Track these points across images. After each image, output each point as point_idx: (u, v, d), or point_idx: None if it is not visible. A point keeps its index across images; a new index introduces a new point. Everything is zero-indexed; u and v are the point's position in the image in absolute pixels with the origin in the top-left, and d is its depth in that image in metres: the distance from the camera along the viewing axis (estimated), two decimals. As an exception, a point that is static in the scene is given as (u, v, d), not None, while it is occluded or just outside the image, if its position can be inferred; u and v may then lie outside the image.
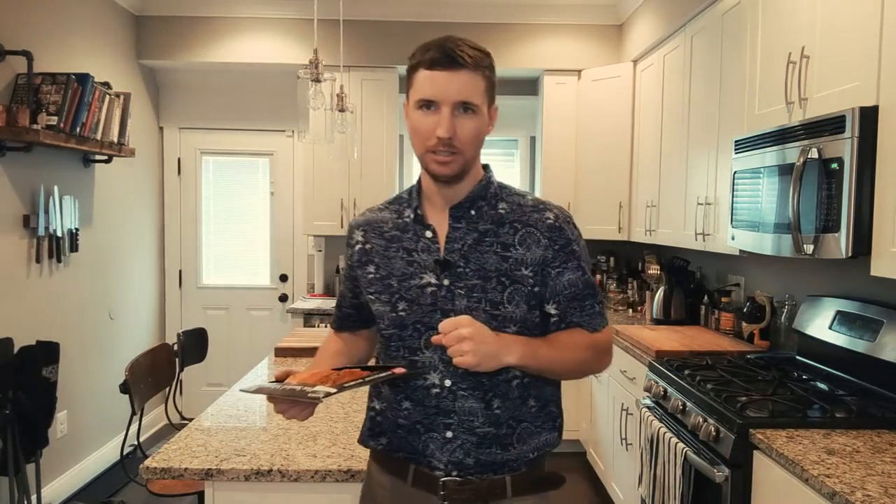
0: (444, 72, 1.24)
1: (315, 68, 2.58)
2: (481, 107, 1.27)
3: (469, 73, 1.25)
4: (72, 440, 3.67)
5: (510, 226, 1.32)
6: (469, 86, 1.25)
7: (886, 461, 1.61)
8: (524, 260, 1.30)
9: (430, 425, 1.30)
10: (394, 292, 1.33)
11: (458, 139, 1.25)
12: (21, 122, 2.97)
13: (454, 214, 1.33)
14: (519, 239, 1.31)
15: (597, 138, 4.34)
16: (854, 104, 1.83)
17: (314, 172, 4.50)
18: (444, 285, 1.30)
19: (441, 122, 1.24)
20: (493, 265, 1.29)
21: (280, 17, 4.44)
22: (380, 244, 1.38)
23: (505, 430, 1.31)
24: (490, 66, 1.30)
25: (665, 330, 3.27)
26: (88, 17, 3.86)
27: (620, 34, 4.49)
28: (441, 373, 1.29)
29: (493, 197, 1.36)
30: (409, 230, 1.36)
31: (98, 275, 3.95)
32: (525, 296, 1.30)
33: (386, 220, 1.40)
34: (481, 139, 1.31)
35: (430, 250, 1.32)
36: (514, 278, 1.29)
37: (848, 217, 1.81)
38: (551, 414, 1.38)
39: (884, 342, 2.05)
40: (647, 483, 2.41)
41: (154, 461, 1.64)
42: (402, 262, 1.34)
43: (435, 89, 1.25)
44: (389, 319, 1.34)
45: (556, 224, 1.32)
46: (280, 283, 4.98)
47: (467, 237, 1.32)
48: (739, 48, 2.63)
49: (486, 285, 1.29)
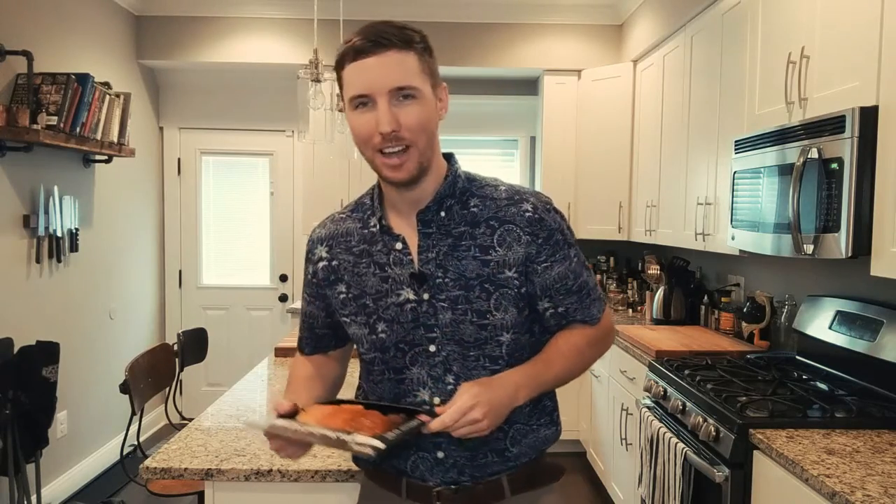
0: (369, 58, 1.10)
1: (315, 68, 2.59)
2: (422, 88, 1.13)
3: (398, 53, 1.11)
4: (72, 440, 3.67)
5: (486, 224, 1.20)
6: (401, 67, 1.11)
7: (886, 461, 1.61)
8: (506, 261, 1.18)
9: (420, 444, 1.21)
10: (370, 313, 1.22)
11: (404, 129, 1.11)
12: (21, 122, 2.97)
13: (423, 219, 1.20)
14: (498, 239, 1.19)
15: (597, 138, 4.34)
16: (854, 104, 1.83)
17: (314, 172, 4.50)
18: (425, 300, 1.19)
19: (380, 116, 1.10)
20: (473, 271, 1.18)
21: (280, 17, 4.44)
22: (348, 260, 1.25)
23: (497, 434, 1.21)
24: (423, 42, 1.15)
25: (665, 330, 3.27)
26: (88, 17, 3.86)
27: (620, 34, 4.49)
28: (430, 390, 1.21)
29: (463, 193, 1.22)
30: (378, 241, 1.23)
31: (98, 275, 3.95)
32: (513, 299, 1.19)
33: (351, 233, 1.27)
34: (433, 126, 1.16)
35: (403, 263, 1.20)
36: (498, 283, 1.18)
37: (848, 217, 1.81)
38: (546, 408, 1.30)
39: (884, 342, 2.05)
40: (647, 483, 2.41)
41: (154, 461, 1.64)
42: (374, 279, 1.22)
43: (365, 80, 1.10)
44: (369, 343, 1.23)
45: (535, 216, 1.20)
46: (280, 283, 4.98)
47: (441, 244, 1.19)
48: (739, 48, 2.63)
49: (470, 294, 1.18)
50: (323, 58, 2.70)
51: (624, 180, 4.23)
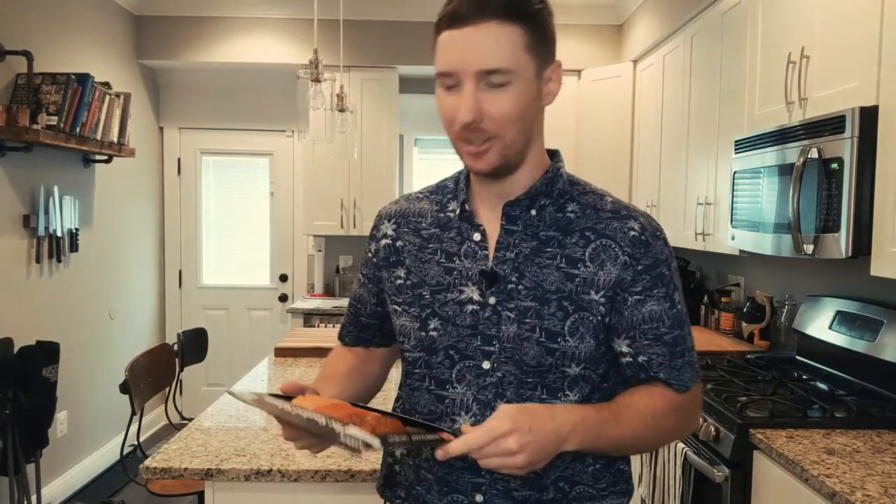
0: (463, 29, 0.92)
1: (315, 68, 2.59)
2: (520, 71, 0.94)
3: (498, 26, 0.91)
4: (72, 440, 3.67)
5: (581, 235, 1.02)
6: (495, 45, 0.92)
7: (886, 461, 1.61)
8: (595, 281, 1.00)
9: (455, 485, 1.03)
10: (425, 305, 1.06)
11: (488, 121, 0.94)
12: (21, 122, 2.97)
13: (509, 213, 1.04)
14: (591, 253, 1.01)
15: (597, 138, 4.34)
16: (854, 104, 1.82)
17: (314, 172, 4.50)
18: (490, 304, 1.02)
19: (462, 102, 0.93)
20: (553, 284, 1.00)
21: (280, 17, 4.44)
22: (414, 243, 1.09)
23: (553, 494, 1.02)
24: (538, 8, 0.96)
25: (665, 330, 3.26)
26: (88, 17, 3.86)
27: (620, 34, 4.49)
28: (474, 416, 1.02)
29: (562, 194, 1.06)
30: (453, 228, 1.07)
31: (98, 275, 3.95)
32: (593, 328, 1.01)
33: (425, 214, 1.11)
34: (529, 115, 0.97)
35: (477, 257, 1.04)
36: (579, 304, 1.00)
37: (848, 217, 1.81)
38: (623, 474, 1.09)
39: (884, 342, 2.05)
40: (647, 483, 2.41)
41: (154, 461, 1.64)
42: (438, 269, 1.06)
43: (453, 57, 0.93)
44: (417, 339, 1.07)
45: (641, 237, 1.02)
46: (280, 283, 4.98)
47: (523, 245, 1.03)
48: (739, 48, 2.63)
49: (543, 310, 1.00)
50: (323, 58, 2.70)
51: (624, 180, 4.23)
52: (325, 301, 4.49)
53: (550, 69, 1.00)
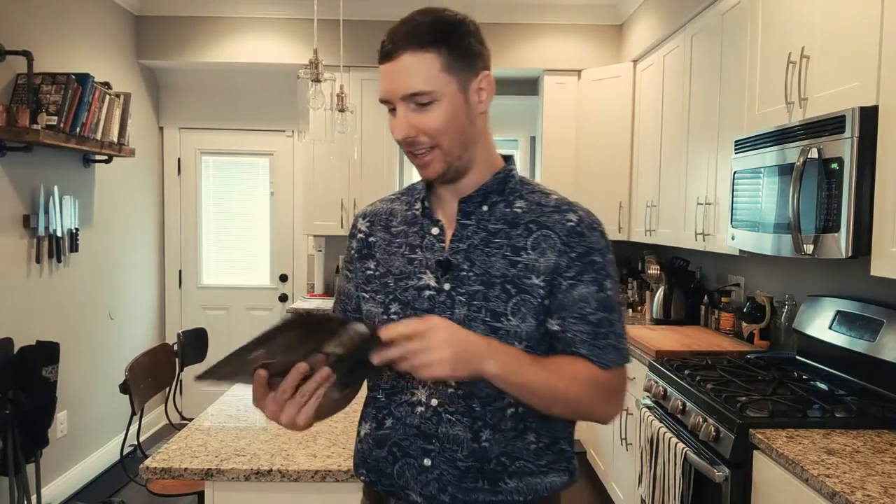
0: (388, 63, 1.08)
1: (315, 68, 2.59)
2: (441, 89, 1.07)
3: (412, 56, 1.06)
4: (72, 440, 3.67)
5: (525, 227, 1.15)
6: (411, 72, 1.06)
7: (886, 461, 1.61)
8: (535, 267, 1.12)
9: (408, 449, 1.14)
10: (388, 292, 1.18)
11: (422, 135, 1.09)
12: (21, 122, 2.97)
13: (464, 209, 1.17)
14: (532, 242, 1.13)
15: (597, 138, 4.34)
16: (854, 104, 1.82)
17: (314, 172, 4.50)
18: (445, 290, 1.14)
19: (394, 124, 1.11)
20: (498, 270, 1.12)
21: (280, 17, 4.44)
22: (384, 238, 1.23)
23: (494, 465, 1.12)
24: (448, 34, 1.08)
25: (665, 330, 3.27)
26: (88, 17, 3.86)
27: (620, 34, 4.49)
28: (429, 389, 1.13)
29: (512, 192, 1.19)
30: (417, 224, 1.21)
31: (98, 275, 3.95)
32: (533, 308, 1.11)
33: (395, 213, 1.25)
34: (461, 124, 1.11)
35: (434, 248, 1.17)
36: (521, 287, 1.12)
37: (848, 217, 1.81)
38: (565, 454, 1.19)
39: (884, 342, 2.05)
40: (647, 483, 2.41)
41: (154, 461, 1.64)
42: (402, 260, 1.19)
43: (384, 86, 1.10)
44: (381, 323, 1.17)
45: (577, 228, 1.14)
46: (280, 283, 4.98)
47: (475, 236, 1.15)
48: (739, 48, 2.63)
49: (489, 293, 1.12)
50: (323, 58, 2.70)
51: (624, 180, 4.23)
52: (326, 301, 4.49)
53: (478, 80, 1.13)
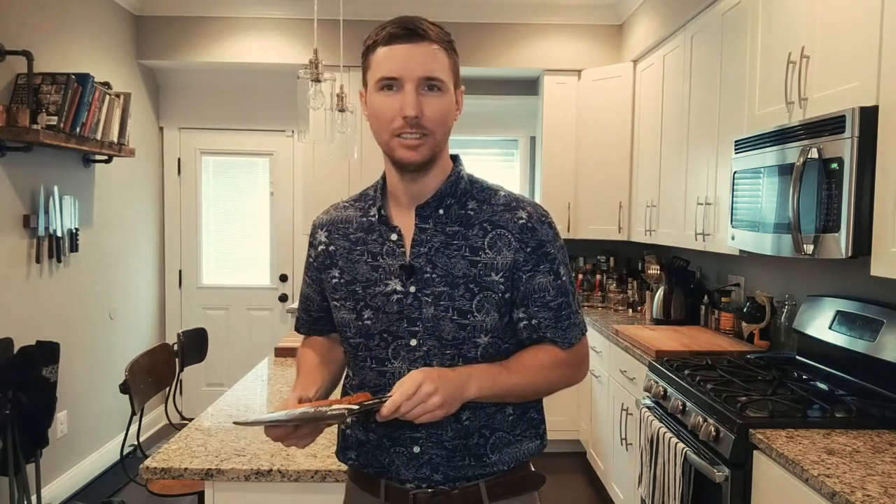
0: (405, 45, 1.15)
1: (315, 68, 2.59)
2: (448, 84, 1.18)
3: (432, 46, 1.16)
4: (72, 440, 3.67)
5: (479, 227, 1.23)
6: (433, 60, 1.16)
7: (886, 461, 1.61)
8: (494, 265, 1.21)
9: (398, 439, 1.23)
10: (359, 299, 1.25)
11: (426, 119, 1.15)
12: (21, 122, 2.97)
13: (421, 214, 1.24)
14: (489, 242, 1.22)
15: (597, 138, 4.34)
16: (854, 104, 1.83)
17: (314, 172, 4.50)
18: (411, 293, 1.21)
19: (406, 100, 1.14)
20: (460, 270, 1.21)
21: (280, 17, 4.44)
22: (344, 246, 1.30)
23: (477, 439, 1.23)
24: (452, 43, 1.21)
25: (665, 330, 3.27)
26: (88, 17, 3.86)
27: (620, 34, 4.49)
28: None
29: (464, 194, 1.26)
30: (374, 231, 1.27)
31: (98, 275, 3.95)
32: (496, 303, 1.21)
33: (351, 220, 1.31)
34: (450, 123, 1.21)
35: (396, 254, 1.24)
36: (483, 284, 1.20)
37: (848, 217, 1.81)
38: (532, 420, 1.30)
39: (884, 342, 2.05)
40: (647, 483, 2.41)
41: (154, 461, 1.64)
42: (366, 267, 1.25)
43: (396, 65, 1.15)
44: (356, 328, 1.26)
45: (528, 224, 1.23)
46: (280, 283, 4.98)
47: (434, 240, 1.23)
48: (739, 48, 2.63)
49: (454, 292, 1.20)
50: (323, 58, 2.70)
51: (624, 180, 4.23)
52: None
53: (458, 91, 1.24)
